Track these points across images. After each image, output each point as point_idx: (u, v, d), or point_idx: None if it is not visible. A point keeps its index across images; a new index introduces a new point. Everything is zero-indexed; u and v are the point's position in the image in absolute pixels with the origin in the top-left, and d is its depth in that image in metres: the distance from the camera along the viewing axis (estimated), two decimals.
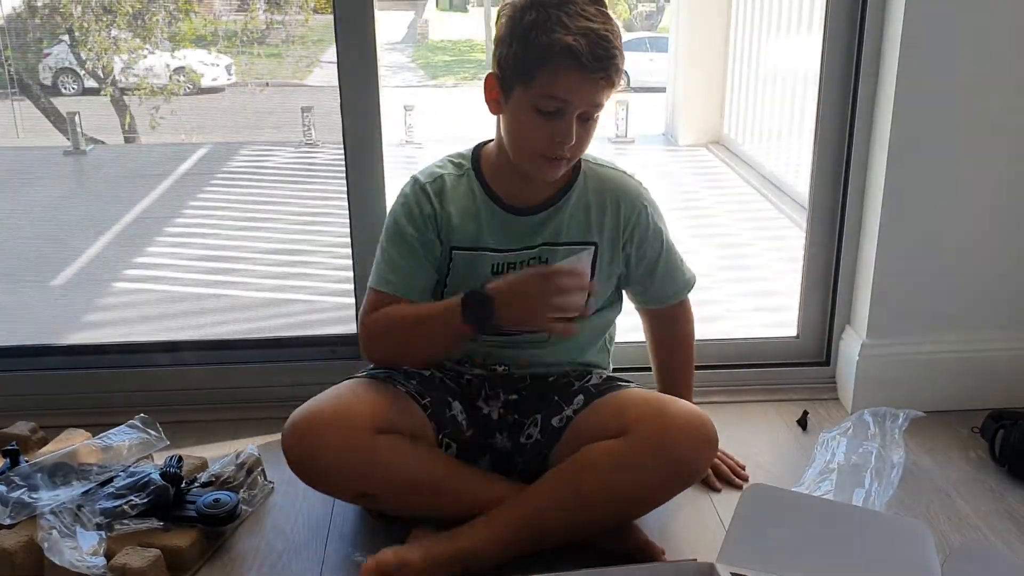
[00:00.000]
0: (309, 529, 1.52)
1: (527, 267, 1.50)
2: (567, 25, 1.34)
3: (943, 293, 1.86)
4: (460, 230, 1.50)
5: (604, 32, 1.35)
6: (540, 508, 1.42)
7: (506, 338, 1.54)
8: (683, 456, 1.42)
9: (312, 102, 5.33)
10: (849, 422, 1.75)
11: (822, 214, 1.95)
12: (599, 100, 1.39)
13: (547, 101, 1.38)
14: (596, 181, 1.54)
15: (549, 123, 1.39)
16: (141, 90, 5.77)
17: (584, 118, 1.40)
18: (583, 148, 1.45)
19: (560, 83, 1.36)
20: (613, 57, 1.36)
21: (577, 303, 1.42)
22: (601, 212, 1.53)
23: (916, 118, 1.76)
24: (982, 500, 1.62)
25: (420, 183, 1.52)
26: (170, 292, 3.76)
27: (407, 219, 1.51)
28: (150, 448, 1.63)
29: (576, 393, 1.52)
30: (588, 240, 1.53)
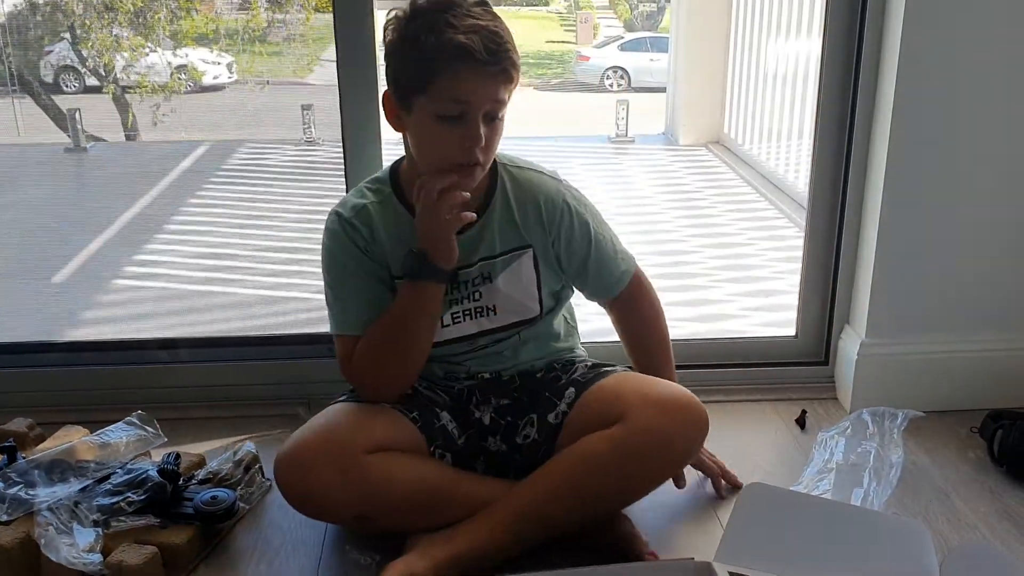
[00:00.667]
0: (307, 527, 1.52)
1: (472, 287, 1.50)
2: (455, 25, 1.32)
3: (942, 293, 1.86)
4: (395, 260, 1.47)
5: (494, 28, 1.34)
6: (539, 501, 1.41)
7: (476, 353, 1.54)
8: (677, 439, 1.43)
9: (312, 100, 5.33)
10: (848, 422, 1.75)
11: (821, 213, 1.95)
12: (500, 96, 1.36)
13: (449, 105, 1.35)
14: (514, 184, 1.51)
15: (455, 129, 1.36)
16: (143, 88, 5.78)
17: (489, 118, 1.37)
18: (493, 150, 1.42)
19: (459, 84, 1.34)
20: (507, 51, 1.34)
21: (461, 192, 1.38)
22: (525, 214, 1.51)
23: (916, 118, 1.75)
24: (981, 500, 1.62)
25: (344, 217, 1.48)
26: (169, 289, 3.76)
27: (345, 253, 1.48)
28: (148, 445, 1.63)
29: (566, 387, 1.52)
30: (522, 244, 1.51)
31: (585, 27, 11.35)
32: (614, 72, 9.22)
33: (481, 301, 1.51)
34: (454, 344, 1.53)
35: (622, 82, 9.15)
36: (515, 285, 1.52)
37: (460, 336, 1.52)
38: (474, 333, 1.53)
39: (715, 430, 1.46)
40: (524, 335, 1.56)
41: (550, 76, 10.93)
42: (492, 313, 1.52)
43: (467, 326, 1.52)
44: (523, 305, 1.54)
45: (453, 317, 1.51)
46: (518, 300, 1.53)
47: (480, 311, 1.52)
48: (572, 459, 1.42)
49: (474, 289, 1.51)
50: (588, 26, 11.24)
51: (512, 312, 1.53)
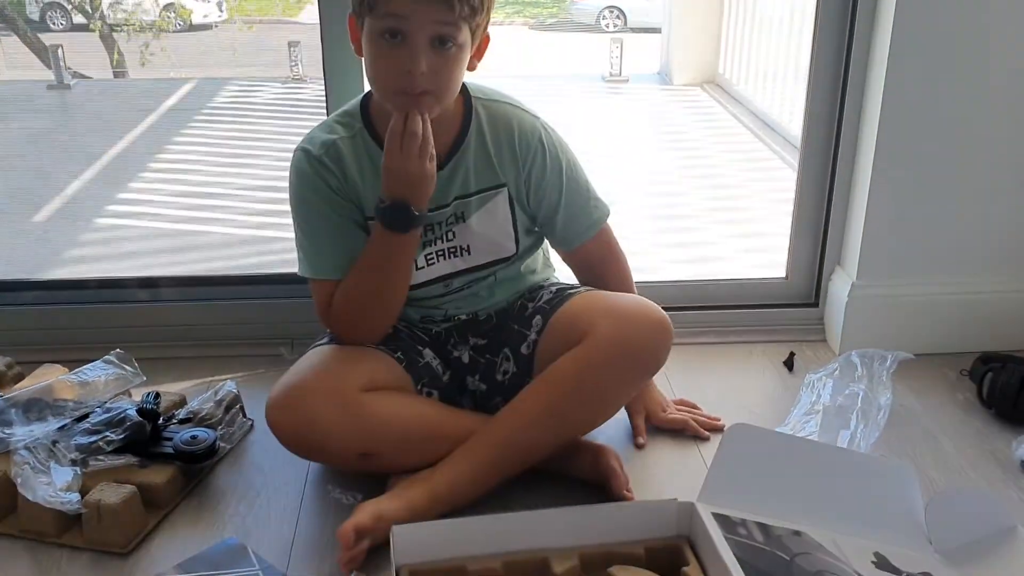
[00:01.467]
0: (288, 466, 1.50)
1: (445, 227, 1.46)
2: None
3: (934, 235, 1.84)
4: (369, 199, 1.43)
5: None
6: (515, 429, 1.40)
7: (453, 295, 1.52)
8: (642, 348, 1.41)
9: (302, 38, 5.24)
10: (836, 363, 1.73)
11: (814, 155, 1.91)
12: (444, 18, 1.28)
13: (388, 21, 1.29)
14: (490, 117, 1.46)
15: (396, 51, 1.30)
16: (130, 26, 5.67)
17: (438, 43, 1.30)
18: (445, 80, 1.34)
19: (395, 1, 1.28)
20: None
21: (416, 132, 1.32)
22: (500, 150, 1.46)
23: (911, 60, 1.71)
24: (968, 442, 1.61)
25: (313, 155, 1.42)
26: (153, 228, 3.73)
27: (315, 194, 1.42)
28: (127, 384, 1.61)
29: (532, 315, 1.51)
30: (497, 183, 1.47)
31: None
32: (610, 12, 9.09)
33: (455, 241, 1.48)
34: (429, 286, 1.50)
35: (618, 22, 9.03)
36: (489, 224, 1.48)
37: (435, 278, 1.49)
38: (449, 273, 1.49)
39: (703, 371, 1.45)
40: (500, 275, 1.53)
41: (545, 16, 10.77)
42: (466, 253, 1.49)
43: (441, 266, 1.49)
44: (498, 244, 1.50)
45: (427, 259, 1.47)
46: (493, 239, 1.49)
47: (454, 251, 1.48)
48: (543, 383, 1.41)
49: (447, 229, 1.47)
50: None
51: (487, 252, 1.50)
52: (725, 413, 1.64)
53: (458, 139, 1.45)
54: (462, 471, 1.37)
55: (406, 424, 1.40)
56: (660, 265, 1.67)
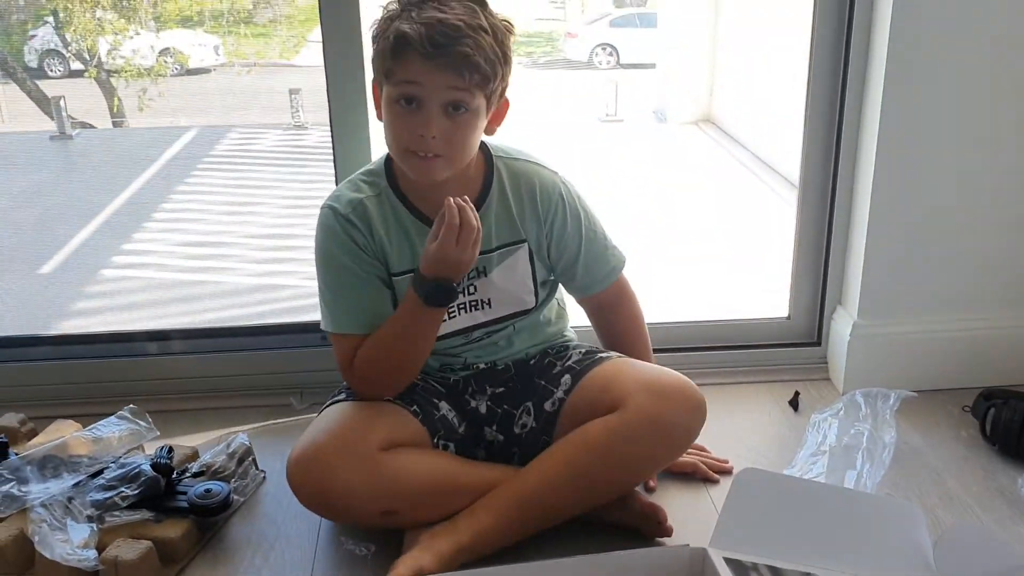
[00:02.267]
0: (301, 518, 1.52)
1: (466, 280, 1.49)
2: (413, 17, 1.34)
3: (934, 273, 1.86)
4: (395, 256, 1.47)
5: (453, 22, 1.32)
6: (540, 487, 1.42)
7: (472, 345, 1.54)
8: (676, 425, 1.43)
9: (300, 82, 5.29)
10: (841, 403, 1.75)
11: (813, 193, 1.94)
12: (455, 85, 1.34)
13: (402, 87, 1.35)
14: (511, 176, 1.51)
15: (410, 115, 1.36)
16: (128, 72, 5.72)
17: (450, 110, 1.36)
18: (456, 145, 1.39)
19: (407, 69, 1.34)
20: (456, 43, 1.32)
21: (475, 225, 1.36)
22: (521, 207, 1.50)
23: (907, 96, 1.74)
24: (973, 479, 1.63)
25: (341, 213, 1.46)
26: (158, 279, 3.75)
27: (341, 250, 1.45)
28: (140, 439, 1.62)
29: (561, 374, 1.53)
30: (518, 239, 1.51)
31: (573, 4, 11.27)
32: (603, 49, 9.17)
33: (476, 295, 1.51)
34: (450, 339, 1.52)
35: (611, 59, 9.11)
36: (510, 278, 1.51)
37: (455, 330, 1.52)
38: (469, 326, 1.52)
39: (708, 412, 1.46)
40: (518, 325, 1.56)
41: (538, 55, 10.87)
42: (487, 306, 1.52)
43: (462, 320, 1.51)
44: (518, 298, 1.53)
45: (448, 312, 1.49)
46: (513, 293, 1.52)
47: (475, 304, 1.51)
48: (572, 446, 1.42)
49: (469, 283, 1.50)
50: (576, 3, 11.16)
51: (507, 304, 1.53)
52: (732, 455, 1.66)
53: (480, 197, 1.48)
54: (486, 525, 1.39)
55: (426, 480, 1.41)
56: (660, 306, 1.69)
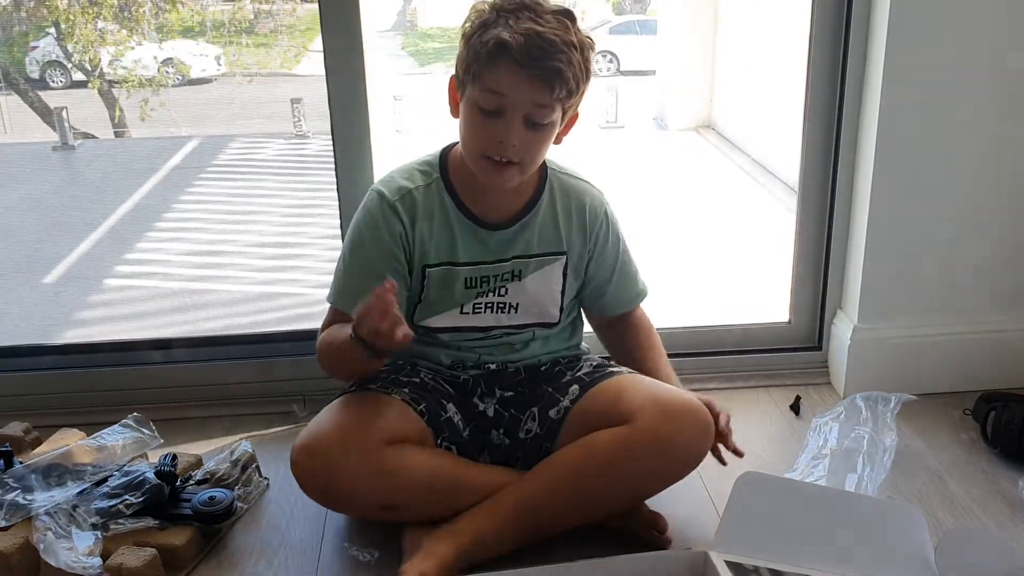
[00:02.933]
0: (305, 524, 1.53)
1: (500, 281, 1.51)
2: (512, 26, 1.35)
3: (934, 276, 1.87)
4: (434, 247, 1.49)
5: (550, 36, 1.34)
6: (542, 493, 1.42)
7: (489, 342, 1.56)
8: (684, 446, 1.43)
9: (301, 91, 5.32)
10: (841, 406, 1.76)
11: (812, 198, 1.95)
12: (540, 100, 1.37)
13: (487, 97, 1.37)
14: (562, 191, 1.54)
15: (492, 122, 1.38)
16: (129, 82, 5.74)
17: (531, 122, 1.38)
18: (532, 155, 1.42)
19: (497, 78, 1.36)
20: (551, 57, 1.34)
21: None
22: (568, 222, 1.54)
23: (905, 101, 1.75)
24: (974, 482, 1.63)
25: (388, 200, 1.48)
26: (161, 288, 3.76)
27: (373, 239, 1.48)
28: (144, 447, 1.63)
29: (570, 383, 1.53)
30: (558, 251, 1.54)
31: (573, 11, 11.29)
32: (603, 56, 9.19)
33: (506, 297, 1.53)
34: (468, 332, 1.54)
35: (611, 66, 9.13)
36: (541, 287, 1.54)
37: (476, 326, 1.54)
38: (491, 326, 1.54)
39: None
40: (538, 333, 1.58)
41: None
42: (513, 311, 1.54)
43: (485, 318, 1.53)
44: (544, 309, 1.55)
45: (475, 307, 1.52)
46: (540, 303, 1.55)
47: (502, 306, 1.53)
48: (577, 454, 1.42)
49: (501, 284, 1.52)
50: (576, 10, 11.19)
51: (531, 314, 1.55)
52: (734, 460, 1.65)
53: (529, 203, 1.51)
54: (486, 528, 1.39)
55: (428, 477, 1.42)
56: (661, 311, 1.70)
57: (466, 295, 1.51)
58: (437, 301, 1.51)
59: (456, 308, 1.52)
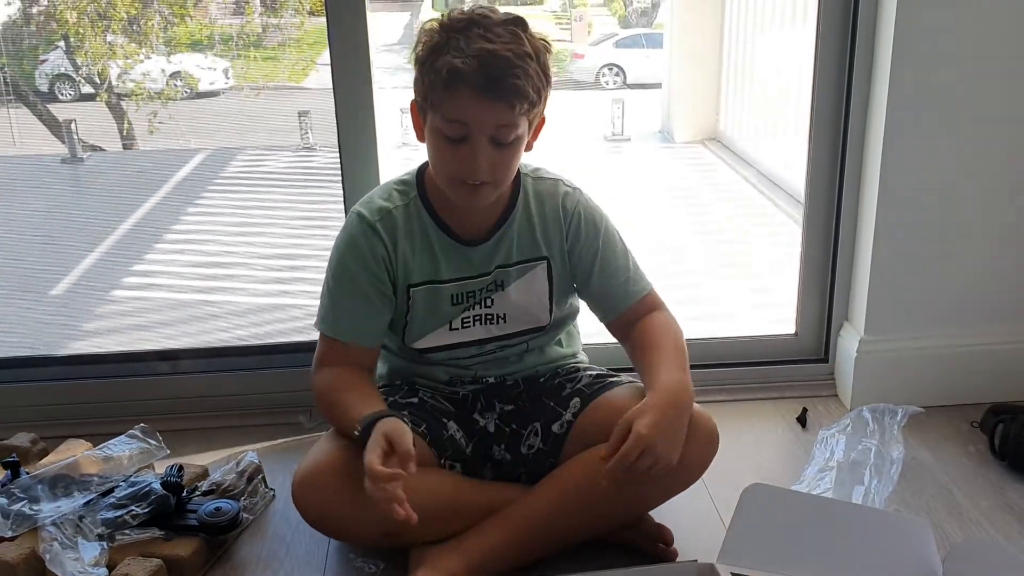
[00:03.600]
0: (310, 536, 1.52)
1: (484, 293, 1.50)
2: (462, 48, 1.31)
3: (941, 288, 1.87)
4: (416, 267, 1.48)
5: (503, 53, 1.31)
6: (548, 508, 1.42)
7: (484, 357, 1.55)
8: (688, 456, 1.41)
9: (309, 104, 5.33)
10: (848, 419, 1.75)
11: (818, 210, 1.95)
12: (503, 121, 1.34)
13: (449, 125, 1.34)
14: (535, 194, 1.51)
15: (458, 148, 1.35)
16: (138, 95, 5.77)
17: (497, 141, 1.36)
18: (504, 173, 1.40)
19: (457, 107, 1.33)
20: (508, 77, 1.31)
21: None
22: (544, 223, 1.51)
23: (911, 113, 1.76)
24: (983, 494, 1.62)
25: (368, 220, 1.46)
26: (168, 299, 3.77)
27: (356, 262, 1.46)
28: (151, 457, 1.64)
29: (571, 396, 1.53)
30: (538, 256, 1.51)
31: (579, 25, 11.32)
32: (609, 69, 9.20)
33: (492, 308, 1.51)
34: (462, 348, 1.53)
35: (617, 79, 9.14)
36: (526, 294, 1.52)
37: (468, 340, 1.53)
38: (482, 339, 1.53)
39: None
40: (531, 343, 1.57)
41: None
42: (502, 321, 1.53)
43: (476, 331, 1.52)
44: (533, 315, 1.54)
45: (463, 322, 1.51)
46: (528, 310, 1.53)
47: (490, 318, 1.52)
48: (582, 468, 1.41)
49: (486, 296, 1.51)
50: (582, 24, 11.21)
51: (521, 321, 1.54)
52: (740, 471, 1.65)
53: (505, 212, 1.49)
54: (495, 543, 1.39)
55: (429, 502, 1.38)
56: None
57: (452, 311, 1.50)
58: (424, 320, 1.50)
59: (444, 325, 1.51)
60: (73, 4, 5.57)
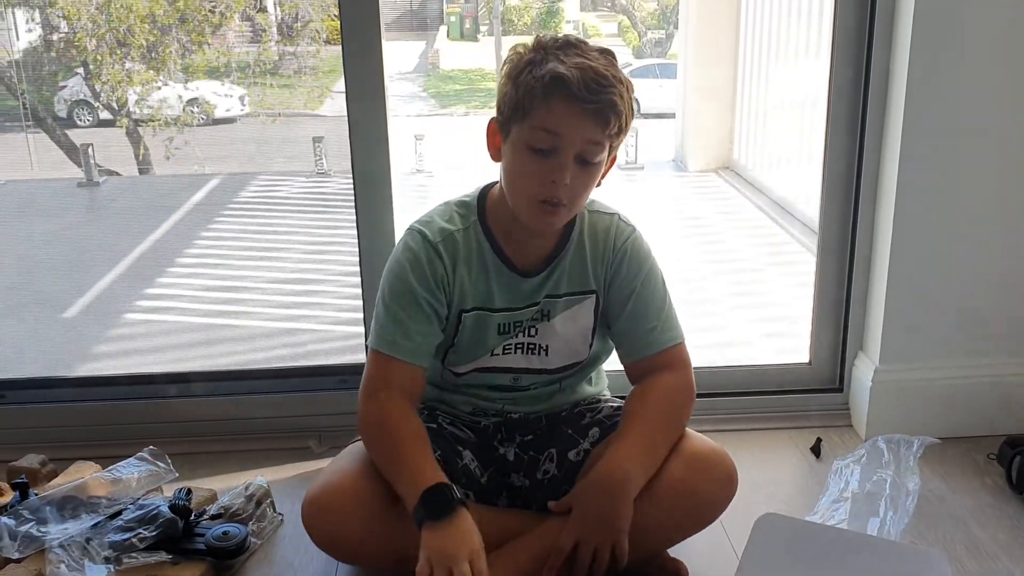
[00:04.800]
0: (318, 561, 1.51)
1: (530, 322, 1.49)
2: (563, 60, 1.34)
3: (956, 318, 1.85)
4: (471, 293, 1.47)
5: (602, 70, 1.33)
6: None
7: (516, 394, 1.54)
8: (707, 496, 1.41)
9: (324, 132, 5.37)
10: (863, 449, 1.73)
11: (833, 239, 1.94)
12: (595, 137, 1.34)
13: (540, 135, 1.34)
14: (591, 227, 1.50)
15: (543, 161, 1.35)
16: (155, 121, 5.82)
17: (581, 160, 1.36)
18: (581, 195, 1.40)
19: (552, 115, 1.33)
20: (607, 91, 1.32)
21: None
22: (595, 257, 1.50)
23: (926, 143, 1.75)
24: (999, 528, 1.60)
25: (431, 241, 1.45)
26: (181, 323, 3.78)
27: (417, 278, 1.43)
28: (159, 480, 1.63)
29: (590, 426, 1.51)
30: (587, 289, 1.50)
31: None
32: None
33: (536, 338, 1.50)
34: (498, 373, 1.51)
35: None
36: (571, 327, 1.50)
37: (505, 367, 1.51)
38: (521, 368, 1.51)
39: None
40: (564, 383, 1.55)
41: None
42: (544, 353, 1.51)
43: (516, 359, 1.51)
44: (574, 349, 1.52)
45: (504, 348, 1.50)
46: (570, 343, 1.51)
47: (532, 348, 1.51)
48: None
49: (531, 325, 1.49)
50: None
51: (563, 355, 1.52)
52: (753, 501, 1.63)
53: (559, 244, 1.48)
54: (508, 573, 1.36)
55: None
56: None
57: (498, 340, 1.49)
58: (470, 347, 1.49)
59: (487, 353, 1.50)
60: (93, 31, 5.63)
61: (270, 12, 6.14)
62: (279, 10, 6.14)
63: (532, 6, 11.26)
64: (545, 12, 11.44)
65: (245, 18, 6.17)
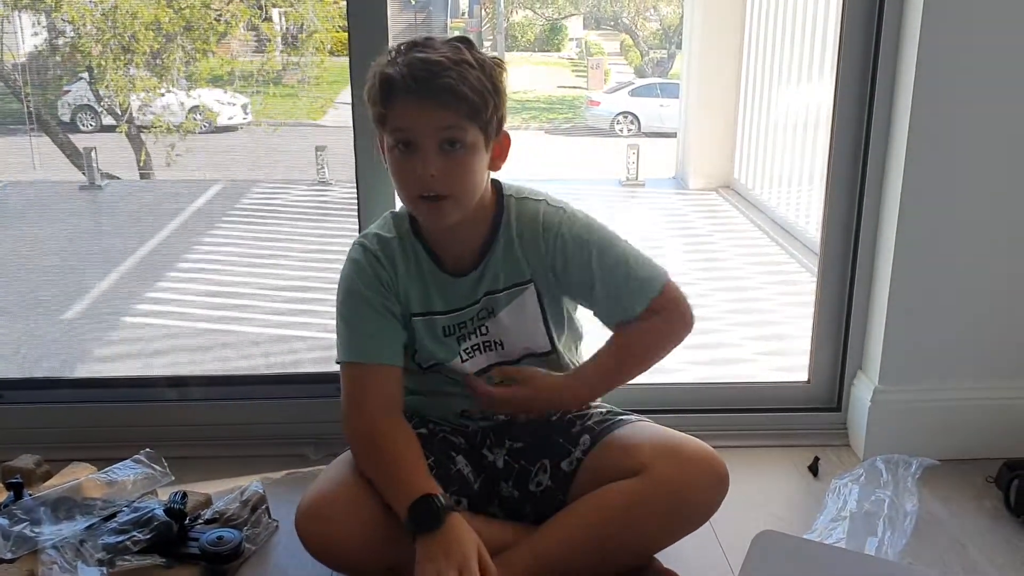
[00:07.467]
0: (312, 567, 1.49)
1: (477, 321, 1.50)
2: (398, 62, 1.36)
3: (956, 339, 1.85)
4: (415, 297, 1.49)
5: (436, 59, 1.34)
6: (555, 549, 1.40)
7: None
8: (698, 497, 1.41)
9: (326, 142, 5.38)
10: (861, 469, 1.73)
11: (834, 259, 1.94)
12: (443, 122, 1.35)
13: (395, 134, 1.38)
14: (518, 215, 1.49)
15: (408, 159, 1.37)
16: (157, 128, 5.83)
17: (445, 146, 1.36)
18: (459, 182, 1.39)
19: (395, 113, 1.36)
20: (439, 77, 1.33)
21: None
22: (524, 247, 1.48)
23: (929, 164, 1.75)
24: (997, 551, 1.59)
25: (370, 250, 1.49)
26: (179, 327, 3.78)
27: (365, 284, 1.47)
28: (155, 483, 1.62)
29: (580, 433, 1.51)
30: (523, 280, 1.50)
31: (596, 73, 11.44)
32: (624, 117, 9.27)
33: (488, 335, 1.52)
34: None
35: (632, 127, 9.19)
36: (519, 319, 1.51)
37: (476, 371, 1.52)
38: (488, 366, 1.53)
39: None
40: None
41: (560, 120, 11.00)
42: (500, 347, 1.53)
43: (480, 360, 1.52)
44: (530, 339, 1.53)
45: (465, 352, 1.51)
46: (523, 333, 1.52)
47: (488, 345, 1.52)
48: (589, 510, 1.40)
49: (479, 324, 1.51)
50: (599, 72, 11.33)
51: (520, 347, 1.53)
52: (750, 519, 1.63)
53: (488, 238, 1.49)
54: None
55: None
56: (680, 367, 1.68)
57: (449, 342, 1.51)
58: (427, 351, 1.51)
59: (455, 357, 1.51)
60: (98, 37, 5.65)
61: (275, 22, 6.16)
62: (284, 20, 6.16)
63: (536, 23, 11.31)
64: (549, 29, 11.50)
65: (250, 27, 6.18)
